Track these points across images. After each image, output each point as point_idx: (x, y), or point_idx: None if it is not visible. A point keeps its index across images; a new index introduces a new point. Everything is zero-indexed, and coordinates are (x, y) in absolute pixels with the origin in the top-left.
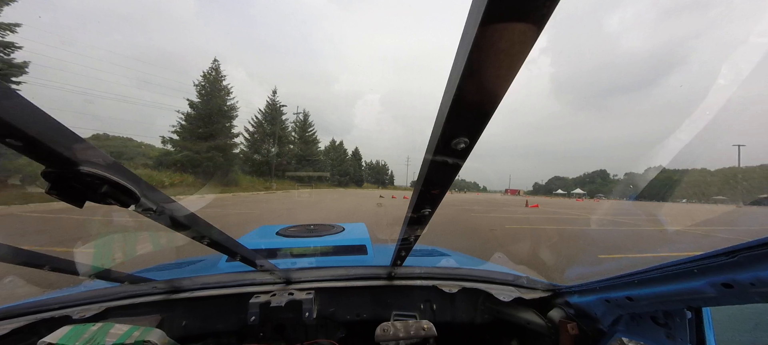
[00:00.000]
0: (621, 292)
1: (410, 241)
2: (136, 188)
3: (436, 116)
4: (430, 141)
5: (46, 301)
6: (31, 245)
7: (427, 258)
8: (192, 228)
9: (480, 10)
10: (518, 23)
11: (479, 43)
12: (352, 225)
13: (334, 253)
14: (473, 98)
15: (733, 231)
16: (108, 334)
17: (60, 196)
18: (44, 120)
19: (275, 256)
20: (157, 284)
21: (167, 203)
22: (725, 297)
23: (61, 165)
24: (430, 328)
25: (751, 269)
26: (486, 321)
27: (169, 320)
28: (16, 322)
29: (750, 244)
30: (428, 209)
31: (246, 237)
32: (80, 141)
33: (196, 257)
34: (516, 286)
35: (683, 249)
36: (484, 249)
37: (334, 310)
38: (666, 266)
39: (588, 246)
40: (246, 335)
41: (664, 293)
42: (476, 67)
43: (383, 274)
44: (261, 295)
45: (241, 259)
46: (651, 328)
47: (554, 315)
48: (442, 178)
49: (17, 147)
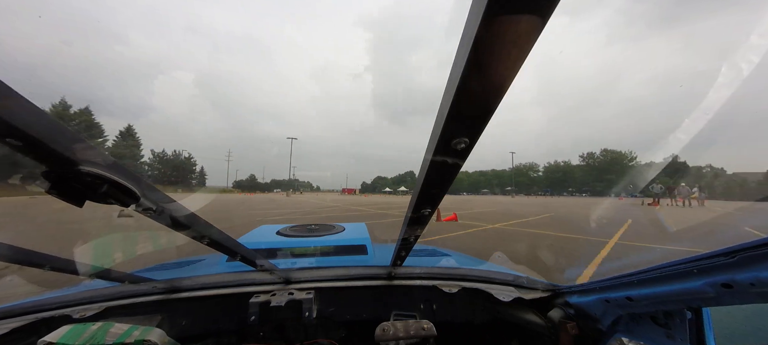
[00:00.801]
0: (621, 292)
1: (410, 241)
2: (136, 188)
3: (436, 116)
4: (430, 141)
5: (46, 300)
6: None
7: (427, 258)
8: (192, 227)
9: (480, 11)
10: (518, 23)
11: (479, 44)
12: (353, 225)
13: (334, 253)
14: (473, 98)
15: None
16: (108, 333)
17: (60, 195)
18: (44, 120)
19: (275, 256)
20: (157, 284)
21: (167, 203)
22: (725, 297)
23: (62, 165)
24: (430, 328)
25: (750, 269)
26: (486, 321)
27: (169, 320)
28: (16, 321)
29: (750, 245)
30: (428, 209)
31: (246, 237)
32: (80, 141)
33: (196, 257)
34: (516, 286)
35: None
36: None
37: (334, 310)
38: (666, 266)
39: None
40: (246, 335)
41: (664, 293)
42: (476, 68)
43: (383, 274)
44: (261, 295)
45: (241, 259)
46: (651, 329)
47: (554, 315)
48: (442, 178)
49: (17, 147)
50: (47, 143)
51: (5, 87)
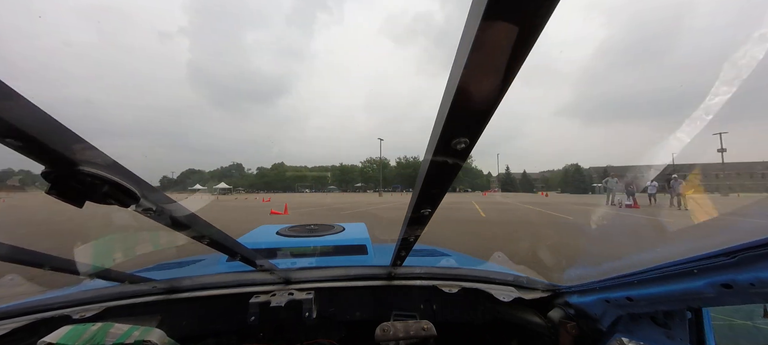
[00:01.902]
0: (621, 292)
1: (410, 241)
2: (136, 188)
3: (436, 116)
4: (430, 141)
5: (46, 300)
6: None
7: (427, 258)
8: (192, 227)
9: (480, 11)
10: (518, 23)
11: (479, 44)
12: (353, 225)
13: (334, 252)
14: (473, 98)
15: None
16: (108, 333)
17: (60, 196)
18: (45, 120)
19: (275, 256)
20: (157, 284)
21: (167, 203)
22: (725, 297)
23: (62, 165)
24: (430, 328)
25: (750, 270)
26: (486, 321)
27: (169, 320)
28: (16, 321)
29: (750, 245)
30: (428, 209)
31: (246, 237)
32: (80, 141)
33: (196, 257)
34: (516, 287)
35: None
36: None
37: (334, 310)
38: (666, 266)
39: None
40: (246, 335)
41: (664, 294)
42: (476, 68)
43: (383, 274)
44: (261, 295)
45: (241, 259)
46: (651, 329)
47: (554, 315)
48: (442, 178)
49: (17, 147)
50: (47, 143)
51: (5, 87)
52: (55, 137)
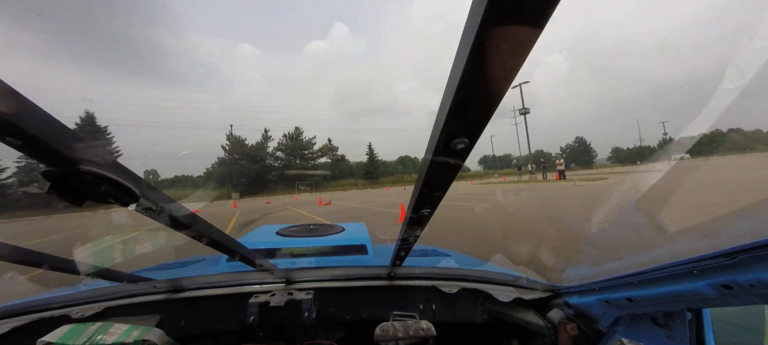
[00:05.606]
0: (621, 292)
1: (410, 241)
2: (136, 187)
3: (436, 116)
4: (430, 141)
5: (46, 300)
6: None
7: (426, 258)
8: (192, 227)
9: (480, 11)
10: (518, 24)
11: (479, 44)
12: (352, 225)
13: (333, 253)
14: (473, 98)
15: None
16: (107, 333)
17: (60, 195)
18: (44, 119)
19: (275, 256)
20: (156, 284)
21: (167, 203)
22: (725, 298)
23: (62, 164)
24: (429, 329)
25: (751, 270)
26: (485, 321)
27: (168, 320)
28: (15, 321)
29: (750, 245)
30: (428, 210)
31: (246, 237)
32: (80, 140)
33: (195, 257)
34: (515, 287)
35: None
36: None
37: (334, 310)
38: (666, 267)
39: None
40: (245, 335)
41: (664, 294)
42: (477, 68)
43: (383, 274)
44: (260, 295)
45: (241, 259)
46: (651, 329)
47: (554, 315)
48: (442, 178)
49: (17, 146)
50: (47, 142)
51: (5, 86)
52: (55, 136)
